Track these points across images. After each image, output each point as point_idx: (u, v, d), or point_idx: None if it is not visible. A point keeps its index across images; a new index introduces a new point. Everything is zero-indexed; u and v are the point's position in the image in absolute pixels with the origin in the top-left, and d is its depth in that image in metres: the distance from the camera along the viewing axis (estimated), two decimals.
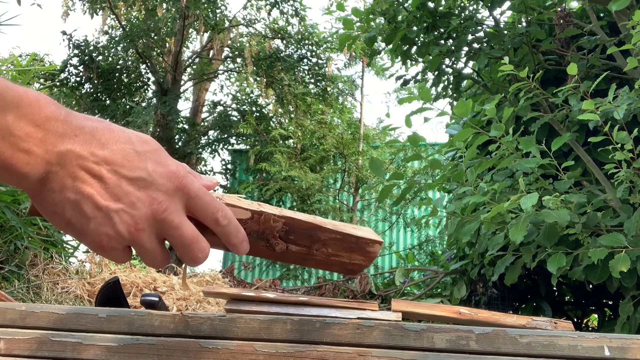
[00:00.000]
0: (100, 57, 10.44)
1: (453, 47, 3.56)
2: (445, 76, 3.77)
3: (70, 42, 10.12)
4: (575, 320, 3.80)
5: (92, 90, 10.53)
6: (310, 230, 0.63)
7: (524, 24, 3.38)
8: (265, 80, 10.40)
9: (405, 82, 3.99)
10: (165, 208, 0.51)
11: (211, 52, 11.33)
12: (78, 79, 10.40)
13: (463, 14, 3.65)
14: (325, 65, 10.39)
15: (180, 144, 10.35)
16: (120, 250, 0.52)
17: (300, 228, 0.63)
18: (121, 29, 10.45)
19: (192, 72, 11.47)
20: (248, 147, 10.13)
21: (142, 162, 0.50)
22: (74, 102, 10.51)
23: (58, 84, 10.20)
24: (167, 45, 10.72)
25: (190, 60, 11.34)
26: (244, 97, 11.45)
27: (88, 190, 0.48)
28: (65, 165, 0.48)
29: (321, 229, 0.63)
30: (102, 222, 0.49)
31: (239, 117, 10.62)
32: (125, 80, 10.91)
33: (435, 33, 3.58)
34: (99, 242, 0.50)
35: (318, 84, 10.39)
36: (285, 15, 10.38)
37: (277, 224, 0.61)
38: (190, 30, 10.81)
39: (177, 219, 0.52)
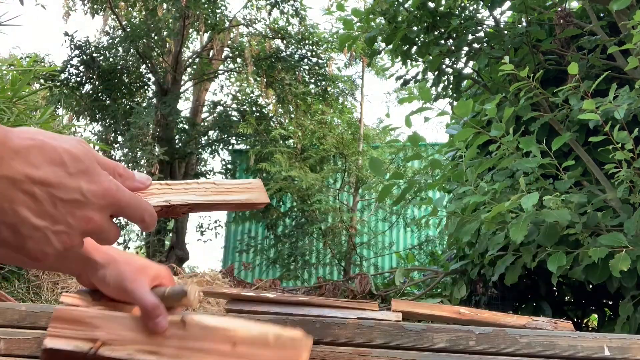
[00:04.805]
0: (101, 58, 10.44)
1: (453, 47, 3.56)
2: (446, 76, 3.77)
3: (72, 43, 10.11)
4: (575, 320, 3.79)
5: (92, 90, 10.52)
6: (210, 207, 0.69)
7: (524, 24, 3.38)
8: (265, 80, 10.39)
9: (405, 82, 3.98)
10: (99, 225, 0.55)
11: (211, 52, 11.33)
12: (78, 79, 10.39)
13: (463, 14, 3.65)
14: (325, 65, 10.39)
15: (180, 144, 10.34)
16: (53, 259, 0.54)
17: (201, 207, 0.68)
18: (122, 29, 10.45)
19: (192, 72, 11.46)
20: (248, 147, 10.12)
21: (75, 183, 0.52)
22: (74, 103, 10.51)
23: (58, 84, 10.19)
24: (167, 45, 10.72)
25: (190, 61, 11.34)
26: (244, 97, 11.44)
27: (24, 213, 0.50)
28: (0, 190, 0.49)
29: (219, 206, 0.69)
30: (40, 241, 0.52)
31: (239, 117, 10.61)
32: (126, 80, 10.90)
33: (436, 33, 3.58)
34: (34, 256, 0.53)
35: (318, 83, 10.39)
36: (285, 15, 10.37)
37: (182, 210, 0.67)
38: (191, 30, 10.80)
39: (106, 228, 0.56)
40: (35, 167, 0.50)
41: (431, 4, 3.60)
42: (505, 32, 3.42)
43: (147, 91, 11.49)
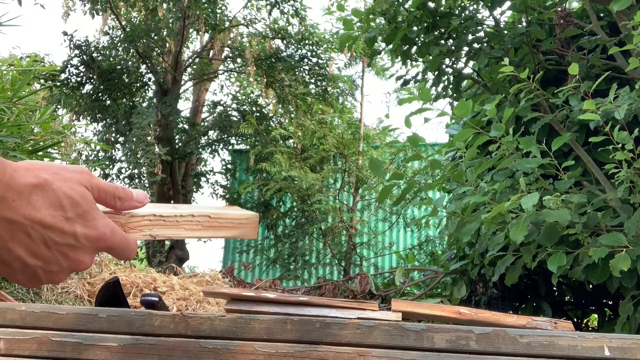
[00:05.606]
0: (100, 58, 10.44)
1: (453, 47, 3.56)
2: (445, 76, 3.77)
3: (71, 43, 10.11)
4: (575, 320, 3.80)
5: (92, 90, 10.52)
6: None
7: (524, 24, 3.38)
8: (265, 80, 10.39)
9: (406, 82, 3.98)
10: (88, 266, 0.58)
11: (211, 52, 11.33)
12: (79, 79, 10.39)
13: (463, 14, 3.65)
14: (325, 65, 10.38)
15: (180, 144, 10.35)
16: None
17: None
18: (122, 29, 10.45)
19: (192, 72, 11.47)
20: (248, 147, 10.13)
21: (71, 228, 0.55)
22: (74, 103, 10.51)
23: (58, 84, 10.19)
24: (167, 45, 10.72)
25: (190, 60, 11.34)
26: (244, 97, 11.45)
27: (19, 251, 0.53)
28: None
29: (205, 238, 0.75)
30: (30, 275, 0.55)
31: (239, 117, 10.62)
32: (126, 80, 10.90)
33: (436, 33, 3.58)
34: (22, 284, 0.57)
35: (318, 84, 10.39)
36: (285, 15, 10.37)
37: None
38: (191, 30, 10.80)
39: (90, 265, 0.59)
40: (35, 210, 0.52)
41: (431, 4, 3.60)
42: (505, 32, 3.42)
43: (147, 91, 11.49)
